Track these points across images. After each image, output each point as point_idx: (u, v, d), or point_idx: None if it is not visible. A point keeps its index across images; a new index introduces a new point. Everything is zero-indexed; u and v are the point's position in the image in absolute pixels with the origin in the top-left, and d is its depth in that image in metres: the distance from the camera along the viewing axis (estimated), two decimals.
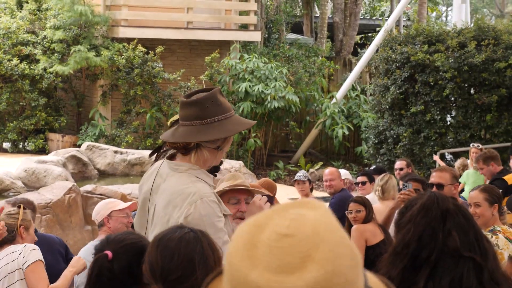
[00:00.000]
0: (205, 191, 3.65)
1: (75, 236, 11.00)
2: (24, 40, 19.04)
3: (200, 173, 3.74)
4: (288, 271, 1.40)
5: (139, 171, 15.09)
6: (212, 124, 3.69)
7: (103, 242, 3.24)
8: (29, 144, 19.05)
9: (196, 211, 3.57)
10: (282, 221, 1.46)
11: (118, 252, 3.14)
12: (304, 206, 1.50)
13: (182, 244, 2.88)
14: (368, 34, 32.61)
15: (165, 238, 2.92)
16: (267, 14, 23.78)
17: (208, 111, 3.69)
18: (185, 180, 3.67)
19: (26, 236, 5.41)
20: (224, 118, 3.71)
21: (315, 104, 20.03)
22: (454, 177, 6.90)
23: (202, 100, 3.70)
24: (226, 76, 19.25)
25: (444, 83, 15.28)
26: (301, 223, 1.44)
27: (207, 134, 3.67)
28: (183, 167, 3.73)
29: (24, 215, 5.44)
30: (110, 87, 19.08)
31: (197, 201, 3.58)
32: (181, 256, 2.86)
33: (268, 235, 1.45)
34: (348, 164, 19.84)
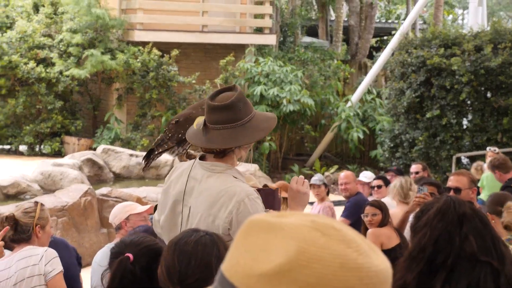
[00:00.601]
0: (249, 190, 3.69)
1: (91, 239, 11.03)
2: (40, 44, 19.11)
3: (236, 172, 3.79)
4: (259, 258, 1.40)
5: (154, 174, 15.12)
6: (246, 124, 3.71)
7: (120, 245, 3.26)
8: (45, 147, 19.12)
9: (246, 209, 3.60)
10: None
11: (137, 255, 3.16)
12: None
13: (199, 248, 2.89)
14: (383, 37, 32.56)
15: (181, 241, 2.92)
16: (282, 17, 23.78)
17: (241, 113, 3.71)
18: (225, 180, 3.70)
19: (42, 235, 5.23)
20: (253, 116, 3.74)
21: (331, 107, 20.00)
22: (471, 181, 6.86)
23: (235, 103, 3.70)
24: (241, 80, 19.26)
25: (461, 87, 15.23)
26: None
27: (248, 135, 3.70)
28: (220, 167, 3.76)
29: (41, 213, 5.24)
30: (126, 90, 19.13)
31: (245, 199, 3.62)
32: (198, 260, 2.86)
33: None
34: (364, 167, 19.79)
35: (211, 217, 3.67)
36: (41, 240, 5.22)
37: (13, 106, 18.68)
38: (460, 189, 6.70)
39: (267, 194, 4.12)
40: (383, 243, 6.84)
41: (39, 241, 5.21)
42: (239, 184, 3.70)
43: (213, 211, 3.67)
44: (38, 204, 5.30)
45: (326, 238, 1.38)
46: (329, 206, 9.58)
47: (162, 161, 15.14)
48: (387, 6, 36.81)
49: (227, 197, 3.64)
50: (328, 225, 1.41)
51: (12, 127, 19.03)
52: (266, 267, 1.35)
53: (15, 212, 5.15)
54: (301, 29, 25.52)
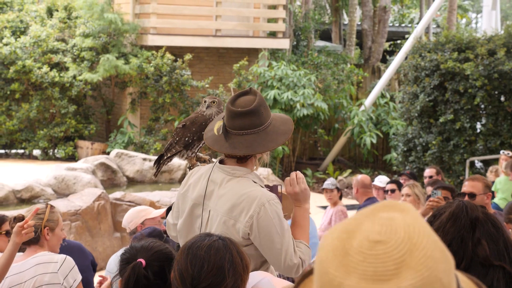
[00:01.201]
0: (270, 194, 3.73)
1: (104, 243, 11.05)
2: (54, 48, 19.18)
3: (255, 177, 3.83)
4: (384, 279, 1.38)
5: (168, 178, 15.13)
6: (268, 129, 3.74)
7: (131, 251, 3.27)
8: (59, 151, 19.17)
9: (266, 213, 3.64)
10: (373, 226, 1.43)
11: (149, 260, 3.18)
12: (392, 209, 1.48)
13: (212, 252, 2.89)
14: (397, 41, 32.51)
15: (194, 246, 2.93)
16: (296, 21, 23.78)
17: (263, 118, 3.75)
18: (246, 185, 3.73)
19: (51, 237, 5.14)
20: (272, 120, 3.77)
21: (344, 111, 19.98)
22: (486, 186, 6.85)
23: (257, 108, 3.73)
24: (254, 84, 19.26)
25: (474, 91, 15.19)
26: (393, 228, 1.42)
27: (272, 140, 3.74)
28: (240, 171, 3.79)
29: (50, 215, 5.16)
30: (139, 94, 19.17)
31: (265, 204, 3.65)
32: (211, 264, 2.87)
33: (360, 242, 1.42)
34: (377, 171, 19.77)
35: (232, 221, 3.69)
36: (50, 243, 5.14)
37: (27, 110, 18.75)
38: (475, 194, 6.69)
39: None
40: None
41: (48, 243, 5.13)
42: (259, 189, 3.73)
43: (233, 214, 3.69)
44: (48, 206, 5.24)
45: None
46: (341, 210, 9.57)
47: (175, 165, 15.15)
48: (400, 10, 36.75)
49: (248, 201, 3.66)
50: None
51: (26, 132, 19.09)
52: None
53: (25, 213, 5.11)
54: (314, 33, 25.51)
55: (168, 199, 11.53)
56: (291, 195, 3.96)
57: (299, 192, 3.91)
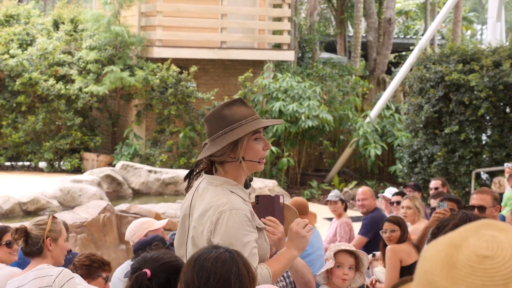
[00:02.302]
0: (237, 204, 3.67)
1: (110, 255, 11.05)
2: (60, 61, 19.25)
3: (236, 187, 3.78)
4: None
5: (173, 190, 15.15)
6: (217, 139, 3.74)
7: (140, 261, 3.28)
8: (65, 163, 19.21)
9: (224, 221, 3.60)
10: (479, 242, 1.47)
11: (156, 271, 3.18)
12: (493, 227, 1.51)
13: (218, 264, 2.90)
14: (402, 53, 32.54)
15: (201, 258, 2.94)
16: (301, 33, 23.82)
17: (212, 128, 3.77)
18: (218, 193, 3.72)
19: (54, 248, 5.04)
20: (228, 130, 3.73)
21: (349, 123, 19.99)
22: (495, 199, 6.85)
23: (207, 118, 3.80)
24: (259, 96, 19.29)
25: (479, 102, 15.20)
26: (499, 245, 1.45)
27: (209, 150, 3.75)
28: (218, 181, 3.78)
29: (52, 225, 5.07)
30: (145, 106, 19.21)
31: (227, 212, 3.62)
32: (217, 276, 2.87)
33: (467, 256, 1.46)
34: (383, 183, 19.76)
35: (201, 228, 3.71)
36: (53, 254, 5.06)
37: (33, 122, 18.80)
38: (485, 207, 6.68)
39: (267, 201, 4.09)
40: (403, 260, 6.82)
41: (51, 254, 5.05)
42: (229, 198, 3.69)
43: (202, 221, 3.71)
44: (50, 217, 5.18)
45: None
46: (346, 222, 9.55)
47: (180, 177, 15.16)
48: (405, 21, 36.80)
49: (213, 209, 3.66)
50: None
51: (32, 144, 19.14)
52: None
53: (28, 224, 5.09)
54: (319, 45, 25.55)
55: (173, 211, 11.54)
56: (291, 233, 3.93)
57: (300, 235, 3.88)
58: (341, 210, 9.67)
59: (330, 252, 5.28)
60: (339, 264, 5.22)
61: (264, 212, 4.05)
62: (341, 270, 5.21)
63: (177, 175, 15.30)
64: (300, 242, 3.89)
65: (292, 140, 19.16)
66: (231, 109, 3.77)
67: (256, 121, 3.80)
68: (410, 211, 8.30)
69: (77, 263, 5.51)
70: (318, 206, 16.41)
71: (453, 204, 7.11)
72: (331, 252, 5.27)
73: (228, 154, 3.75)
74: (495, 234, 1.48)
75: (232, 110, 3.77)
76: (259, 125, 3.78)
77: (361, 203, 9.67)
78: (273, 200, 4.09)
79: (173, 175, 15.30)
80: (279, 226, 4.04)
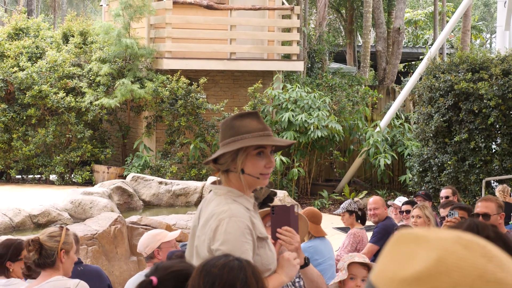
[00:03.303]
0: (237, 212, 3.68)
1: (121, 267, 11.07)
2: (70, 73, 19.33)
3: (239, 197, 3.79)
4: (402, 264, 1.46)
5: (184, 201, 15.16)
6: (221, 147, 3.79)
7: (152, 269, 3.29)
8: (76, 176, 19.27)
9: (223, 227, 3.62)
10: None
11: (164, 279, 3.17)
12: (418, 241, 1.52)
13: (225, 271, 2.90)
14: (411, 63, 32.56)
15: (208, 264, 2.94)
16: (310, 43, 23.86)
17: (221, 135, 3.83)
18: (221, 202, 3.74)
19: (66, 260, 5.12)
20: (234, 140, 3.76)
21: (359, 133, 19.99)
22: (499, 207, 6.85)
23: (220, 125, 3.89)
24: (269, 106, 19.32)
25: (489, 111, 15.18)
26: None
27: (211, 156, 3.83)
28: (221, 190, 3.81)
29: (66, 237, 5.14)
30: (155, 118, 19.25)
31: (226, 219, 3.63)
32: (223, 282, 2.87)
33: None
34: (393, 192, 19.74)
35: (203, 237, 3.73)
36: (65, 265, 5.13)
37: (43, 135, 18.87)
38: (489, 215, 6.69)
39: (282, 211, 4.10)
40: None
41: (63, 266, 5.12)
42: (231, 206, 3.71)
43: (204, 230, 3.73)
44: (63, 229, 5.24)
45: (468, 251, 1.44)
46: (354, 233, 9.50)
47: (191, 188, 15.18)
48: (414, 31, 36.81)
49: (215, 217, 3.68)
50: (473, 241, 1.47)
51: (43, 157, 19.21)
52: (407, 273, 1.43)
53: (40, 235, 5.11)
54: (328, 55, 25.59)
55: (184, 222, 11.55)
56: (282, 260, 3.94)
57: (291, 263, 3.90)
58: (350, 221, 9.63)
59: (344, 263, 5.27)
60: (352, 276, 5.21)
61: (280, 222, 4.06)
62: (354, 282, 5.21)
63: (187, 186, 15.31)
64: (291, 270, 3.91)
65: (302, 150, 19.16)
66: (242, 121, 3.79)
67: (264, 137, 3.80)
68: (420, 220, 8.31)
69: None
70: (329, 216, 16.40)
71: (464, 213, 7.12)
72: (344, 263, 5.26)
73: (229, 164, 3.78)
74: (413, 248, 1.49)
75: (243, 122, 3.79)
76: (263, 142, 3.78)
77: (372, 213, 9.66)
78: (288, 210, 4.10)
79: (183, 187, 15.31)
80: (295, 236, 4.06)
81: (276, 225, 4.06)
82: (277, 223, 4.07)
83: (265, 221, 4.59)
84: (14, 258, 5.89)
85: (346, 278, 5.21)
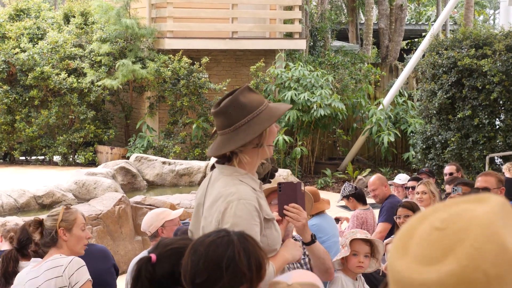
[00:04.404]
0: (245, 194, 3.65)
1: (126, 247, 11.09)
2: (71, 54, 19.29)
3: (246, 177, 3.75)
4: (429, 263, 1.44)
5: (188, 181, 15.17)
6: (240, 128, 3.67)
7: (154, 246, 3.29)
8: (79, 157, 19.28)
9: (232, 210, 3.58)
10: (443, 214, 1.49)
11: (162, 256, 3.16)
12: (478, 201, 1.51)
13: (211, 248, 2.88)
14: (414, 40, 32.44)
15: (197, 242, 2.93)
16: (312, 22, 23.78)
17: (232, 118, 3.69)
18: (228, 183, 3.69)
19: (69, 238, 5.11)
20: (251, 118, 3.68)
21: (362, 111, 19.95)
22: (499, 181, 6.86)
23: (224, 109, 3.71)
24: (271, 85, 19.28)
25: (492, 87, 15.13)
26: (459, 218, 1.46)
27: (236, 141, 3.67)
28: (228, 170, 3.76)
29: (65, 215, 5.15)
30: (157, 98, 19.23)
31: (234, 201, 3.60)
32: (208, 260, 2.86)
33: (424, 228, 1.49)
34: (396, 170, 19.72)
35: (210, 218, 3.69)
36: (69, 243, 5.14)
37: (46, 117, 18.86)
38: (489, 189, 6.69)
39: (289, 188, 4.10)
40: None
41: (67, 244, 5.13)
42: (239, 187, 3.67)
43: (211, 211, 3.69)
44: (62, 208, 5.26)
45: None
46: (356, 215, 9.44)
47: (194, 168, 15.19)
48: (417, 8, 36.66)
49: (222, 198, 3.64)
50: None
51: (46, 138, 19.21)
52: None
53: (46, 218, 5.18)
54: (331, 33, 25.50)
55: (188, 202, 11.57)
56: (290, 242, 3.96)
57: (297, 246, 3.90)
58: (352, 204, 9.59)
59: (346, 240, 5.28)
60: (355, 252, 5.22)
61: (287, 199, 4.06)
62: (357, 258, 5.21)
63: (191, 166, 15.32)
64: (296, 250, 3.91)
65: (305, 129, 19.13)
66: (246, 97, 3.73)
67: (272, 107, 3.79)
68: (426, 196, 8.31)
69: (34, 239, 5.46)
70: (333, 194, 16.41)
71: (467, 189, 7.11)
72: (346, 240, 5.27)
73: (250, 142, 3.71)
74: (471, 208, 1.47)
75: (247, 97, 3.73)
76: (278, 111, 3.77)
77: (372, 194, 9.64)
78: (295, 187, 4.10)
79: (187, 166, 15.32)
80: (302, 213, 4.05)
81: (283, 202, 4.06)
82: (284, 200, 4.06)
83: (269, 199, 4.58)
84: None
85: (348, 254, 5.21)
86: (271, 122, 3.70)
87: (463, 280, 1.40)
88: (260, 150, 3.74)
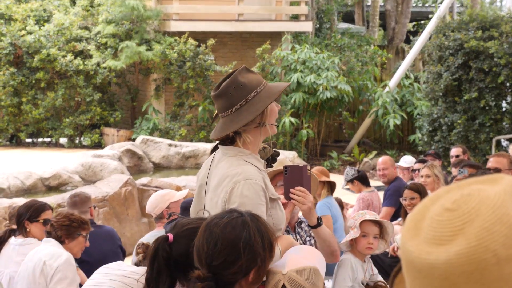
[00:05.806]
0: (251, 174, 3.65)
1: (132, 229, 11.13)
2: (77, 36, 19.28)
3: (250, 157, 3.76)
4: (439, 243, 1.43)
5: (194, 163, 15.19)
6: (242, 108, 3.68)
7: (172, 225, 3.29)
8: (85, 139, 19.31)
9: (238, 190, 3.59)
10: (454, 195, 1.48)
11: (179, 236, 3.17)
12: (491, 181, 1.50)
13: (227, 230, 2.89)
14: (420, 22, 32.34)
15: (211, 223, 2.94)
16: (318, 3, 23.71)
17: (233, 98, 3.69)
18: (233, 163, 3.70)
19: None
20: (252, 96, 3.69)
21: (368, 93, 19.93)
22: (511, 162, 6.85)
23: (224, 90, 3.71)
24: (277, 67, 19.26)
25: (499, 69, 15.10)
26: (470, 199, 1.46)
27: (239, 121, 3.68)
28: (232, 151, 3.77)
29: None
30: (163, 81, 19.23)
31: (241, 181, 3.60)
32: (225, 242, 2.87)
33: (435, 208, 1.48)
34: (403, 152, 19.72)
35: (216, 199, 3.70)
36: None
37: (52, 99, 18.87)
38: (500, 170, 6.68)
39: (295, 171, 4.10)
40: None
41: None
42: (245, 168, 3.68)
43: (217, 192, 3.70)
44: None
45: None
46: (362, 198, 9.43)
47: (200, 150, 15.20)
48: None
49: (228, 179, 3.65)
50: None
51: (52, 120, 19.22)
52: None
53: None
54: (337, 15, 25.43)
55: (194, 184, 11.53)
56: (305, 210, 3.96)
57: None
58: (357, 188, 9.59)
59: (355, 221, 5.29)
60: (364, 233, 5.23)
61: (293, 182, 4.06)
62: (366, 239, 5.23)
63: (197, 148, 15.32)
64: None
65: (311, 111, 19.12)
66: (245, 77, 3.74)
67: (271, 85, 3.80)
68: (430, 179, 8.31)
69: (56, 224, 5.53)
70: (339, 176, 16.41)
71: (473, 170, 7.12)
72: (355, 221, 5.28)
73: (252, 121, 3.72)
74: (483, 188, 1.47)
75: (246, 77, 3.74)
76: (278, 89, 3.78)
77: (382, 173, 9.64)
78: (301, 170, 4.11)
79: (193, 149, 15.33)
80: (308, 196, 4.06)
81: (289, 185, 4.06)
82: (290, 183, 4.07)
83: (274, 181, 4.59)
84: (32, 219, 6.11)
85: (358, 236, 5.23)
86: (272, 99, 3.70)
87: (473, 261, 1.40)
88: (262, 129, 3.75)
